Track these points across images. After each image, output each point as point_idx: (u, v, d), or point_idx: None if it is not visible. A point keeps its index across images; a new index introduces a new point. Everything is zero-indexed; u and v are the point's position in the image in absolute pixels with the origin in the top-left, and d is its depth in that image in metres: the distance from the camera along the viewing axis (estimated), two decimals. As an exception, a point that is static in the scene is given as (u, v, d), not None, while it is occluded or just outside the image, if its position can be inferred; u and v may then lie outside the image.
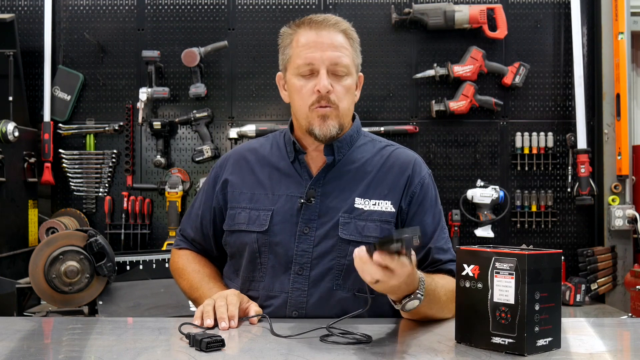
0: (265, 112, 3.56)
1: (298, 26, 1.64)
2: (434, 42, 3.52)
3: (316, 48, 1.59)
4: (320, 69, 1.59)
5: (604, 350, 1.32)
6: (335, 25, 1.62)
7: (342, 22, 1.65)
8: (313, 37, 1.60)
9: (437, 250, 1.64)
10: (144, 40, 3.54)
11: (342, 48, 1.61)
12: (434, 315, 1.51)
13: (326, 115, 1.60)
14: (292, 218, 1.62)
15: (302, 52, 1.60)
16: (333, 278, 1.60)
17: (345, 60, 1.61)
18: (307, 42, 1.61)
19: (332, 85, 1.59)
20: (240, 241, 1.66)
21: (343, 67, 1.60)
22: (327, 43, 1.60)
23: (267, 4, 3.55)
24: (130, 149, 3.51)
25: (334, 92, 1.59)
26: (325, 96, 1.58)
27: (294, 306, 1.59)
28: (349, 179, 1.66)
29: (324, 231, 1.61)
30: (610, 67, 3.45)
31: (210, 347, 1.23)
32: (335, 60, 1.59)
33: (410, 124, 3.52)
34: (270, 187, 1.67)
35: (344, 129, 1.66)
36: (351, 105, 1.66)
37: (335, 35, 1.61)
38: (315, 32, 1.61)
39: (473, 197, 3.43)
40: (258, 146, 1.76)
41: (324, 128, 1.60)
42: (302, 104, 1.62)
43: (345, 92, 1.62)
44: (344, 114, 1.63)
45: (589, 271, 3.37)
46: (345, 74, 1.61)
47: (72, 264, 2.60)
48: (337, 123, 1.61)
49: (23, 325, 1.60)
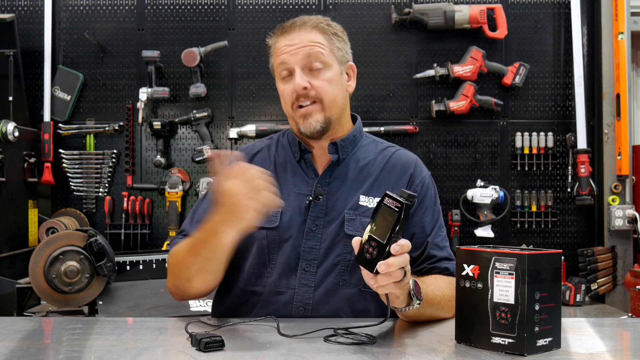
0: (265, 112, 3.56)
1: (275, 34, 1.71)
2: (434, 42, 3.52)
3: (288, 50, 1.65)
4: (295, 68, 1.64)
5: (604, 350, 1.32)
6: (303, 24, 1.67)
7: (312, 19, 1.69)
8: (285, 41, 1.67)
9: (433, 246, 1.67)
10: (144, 40, 3.54)
11: (315, 43, 1.65)
12: (432, 316, 1.53)
13: (307, 113, 1.65)
14: (301, 215, 1.65)
15: (279, 57, 1.67)
16: (339, 274, 1.63)
17: (319, 54, 1.65)
18: (280, 46, 1.67)
19: (311, 81, 1.63)
20: (248, 237, 1.66)
21: (318, 61, 1.64)
22: (297, 43, 1.65)
23: (267, 4, 3.55)
24: (130, 149, 3.51)
25: (314, 87, 1.64)
26: (302, 93, 1.63)
27: (300, 302, 1.61)
28: (354, 177, 1.70)
29: (331, 228, 1.64)
30: (610, 67, 3.45)
31: (209, 347, 1.23)
32: (308, 55, 1.64)
33: (410, 124, 3.52)
34: (278, 186, 1.68)
35: (338, 122, 1.70)
36: (339, 95, 1.68)
37: (306, 34, 1.66)
38: (286, 36, 1.67)
39: (473, 197, 3.43)
40: (264, 146, 1.80)
41: (307, 125, 1.65)
42: (286, 106, 1.69)
43: (328, 84, 1.65)
44: (330, 105, 1.66)
45: (589, 271, 3.37)
46: (322, 67, 1.65)
47: (72, 264, 2.60)
48: (322, 117, 1.65)
49: (23, 325, 1.60)
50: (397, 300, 1.35)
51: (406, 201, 1.23)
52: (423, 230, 1.67)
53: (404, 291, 1.34)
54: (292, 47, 1.65)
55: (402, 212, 1.23)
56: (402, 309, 1.40)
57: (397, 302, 1.36)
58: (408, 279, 1.32)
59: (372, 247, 1.28)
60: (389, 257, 1.26)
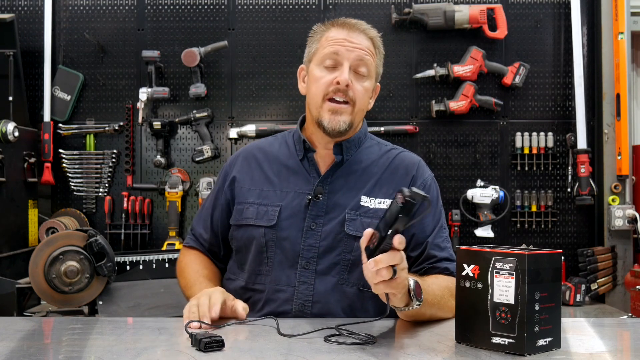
0: (265, 112, 3.56)
1: (331, 24, 1.72)
2: (434, 42, 3.52)
3: (346, 44, 1.66)
4: (344, 62, 1.65)
5: (604, 350, 1.32)
6: (365, 30, 1.71)
7: (372, 30, 1.73)
8: (343, 34, 1.68)
9: (433, 246, 1.67)
10: (144, 40, 3.54)
11: (370, 52, 1.69)
12: (432, 316, 1.53)
13: (338, 110, 1.65)
14: (300, 214, 1.66)
15: (331, 44, 1.67)
16: (339, 272, 1.64)
17: (369, 63, 1.68)
18: (336, 37, 1.68)
19: (352, 82, 1.65)
20: (248, 236, 1.70)
21: (366, 68, 1.68)
22: (356, 42, 1.67)
23: (267, 4, 3.55)
24: (130, 149, 3.51)
25: (353, 88, 1.65)
26: (343, 89, 1.64)
27: (300, 299, 1.62)
28: (356, 178, 1.71)
29: (331, 227, 1.65)
30: (610, 67, 3.45)
31: (209, 347, 1.23)
32: (360, 59, 1.66)
33: (410, 124, 3.52)
34: (278, 183, 1.73)
35: (354, 129, 1.71)
36: (365, 107, 1.72)
37: (364, 39, 1.69)
38: (347, 32, 1.68)
39: (473, 197, 3.43)
40: (267, 145, 1.82)
41: (333, 122, 1.65)
42: (317, 92, 1.67)
43: (364, 92, 1.68)
44: (358, 112, 1.69)
45: (589, 271, 3.37)
46: (366, 76, 1.68)
47: (72, 264, 2.59)
48: (349, 119, 1.66)
49: (23, 325, 1.60)
50: (394, 298, 1.35)
51: (409, 198, 1.23)
52: (423, 230, 1.68)
53: (400, 290, 1.33)
54: (351, 44, 1.66)
55: (403, 208, 1.23)
56: (401, 308, 1.40)
57: (395, 300, 1.36)
58: (401, 279, 1.31)
59: (375, 238, 1.28)
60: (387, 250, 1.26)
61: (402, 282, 1.32)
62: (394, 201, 1.26)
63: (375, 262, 1.26)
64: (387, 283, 1.29)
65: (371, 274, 1.28)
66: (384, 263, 1.26)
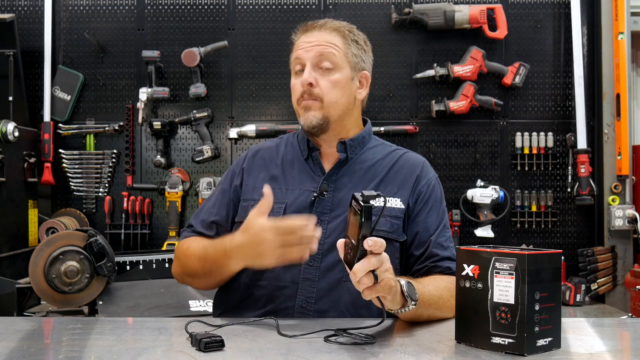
0: (265, 112, 3.56)
1: (298, 31, 1.78)
2: (434, 42, 3.52)
3: (304, 46, 1.72)
4: (306, 64, 1.70)
5: (604, 350, 1.32)
6: (324, 25, 1.74)
7: (335, 22, 1.75)
8: (304, 38, 1.74)
9: (436, 245, 1.68)
10: (144, 40, 3.54)
11: (331, 44, 1.71)
12: (431, 316, 1.53)
13: (307, 106, 1.70)
14: (305, 211, 1.67)
15: (295, 52, 1.75)
16: (342, 269, 1.63)
17: (331, 55, 1.70)
18: (298, 42, 1.76)
19: (317, 79, 1.69)
20: None
21: (328, 61, 1.70)
22: (313, 40, 1.72)
23: (267, 4, 3.55)
24: (130, 149, 3.51)
25: (318, 86, 1.69)
26: (306, 89, 1.69)
27: (303, 296, 1.63)
28: (361, 176, 1.73)
29: (336, 224, 1.66)
30: (610, 67, 3.45)
31: (209, 347, 1.23)
32: (320, 54, 1.70)
33: (410, 124, 3.52)
34: (284, 181, 1.75)
35: (334, 121, 1.72)
36: (342, 98, 1.72)
37: (324, 34, 1.72)
38: (305, 34, 1.75)
39: (473, 197, 3.43)
40: (273, 145, 1.85)
41: (305, 118, 1.71)
42: (294, 99, 1.76)
43: (332, 86, 1.70)
44: (329, 106, 1.70)
45: (589, 271, 3.37)
46: (332, 68, 1.70)
47: (72, 264, 2.59)
48: (320, 114, 1.70)
49: (23, 325, 1.60)
50: (386, 301, 1.35)
51: (364, 203, 1.23)
52: (427, 229, 1.69)
53: (387, 292, 1.32)
54: (309, 44, 1.71)
55: (364, 214, 1.24)
56: (397, 310, 1.40)
57: (388, 303, 1.36)
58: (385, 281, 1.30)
59: (349, 248, 1.30)
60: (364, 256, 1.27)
61: (386, 284, 1.30)
62: (353, 209, 1.28)
63: (354, 272, 1.27)
64: (372, 288, 1.29)
65: (355, 283, 1.29)
66: (362, 271, 1.26)
